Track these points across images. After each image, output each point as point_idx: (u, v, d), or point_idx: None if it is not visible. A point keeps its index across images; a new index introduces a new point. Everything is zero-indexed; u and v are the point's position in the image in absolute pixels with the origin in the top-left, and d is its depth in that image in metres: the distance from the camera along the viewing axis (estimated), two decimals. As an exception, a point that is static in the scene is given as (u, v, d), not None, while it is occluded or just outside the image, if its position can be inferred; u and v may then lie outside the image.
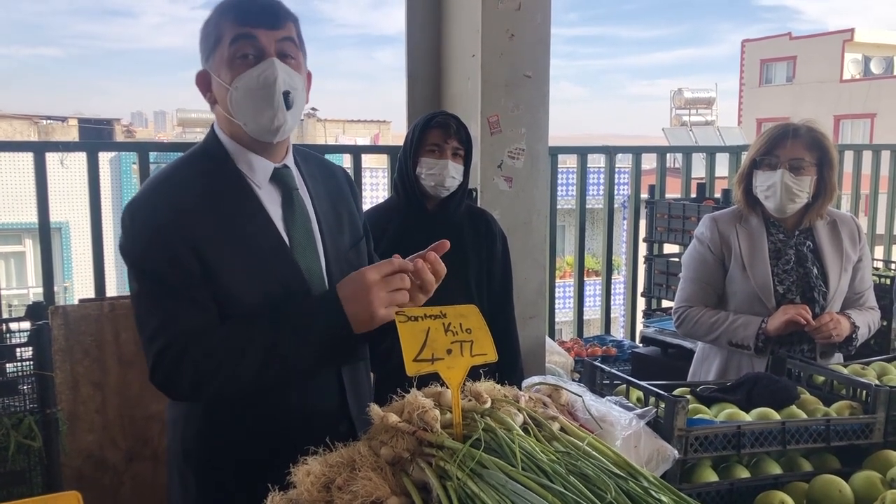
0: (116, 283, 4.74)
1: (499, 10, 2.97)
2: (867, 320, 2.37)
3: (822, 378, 1.95)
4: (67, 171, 9.36)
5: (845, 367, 2.10)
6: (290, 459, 1.21)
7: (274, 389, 1.48)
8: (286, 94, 1.45)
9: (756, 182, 2.34)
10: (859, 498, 1.54)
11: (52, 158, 3.18)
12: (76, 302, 2.61)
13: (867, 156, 5.33)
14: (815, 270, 2.33)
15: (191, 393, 1.44)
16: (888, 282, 3.25)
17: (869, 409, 1.73)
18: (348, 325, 1.38)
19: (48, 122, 19.43)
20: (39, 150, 3.08)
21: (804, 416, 1.75)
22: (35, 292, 12.86)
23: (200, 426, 1.54)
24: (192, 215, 1.43)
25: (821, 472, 1.62)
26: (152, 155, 3.34)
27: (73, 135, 18.23)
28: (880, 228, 5.49)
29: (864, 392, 1.77)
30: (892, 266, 3.82)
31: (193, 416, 1.55)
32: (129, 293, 1.51)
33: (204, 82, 1.52)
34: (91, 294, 3.01)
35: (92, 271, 3.10)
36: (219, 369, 1.39)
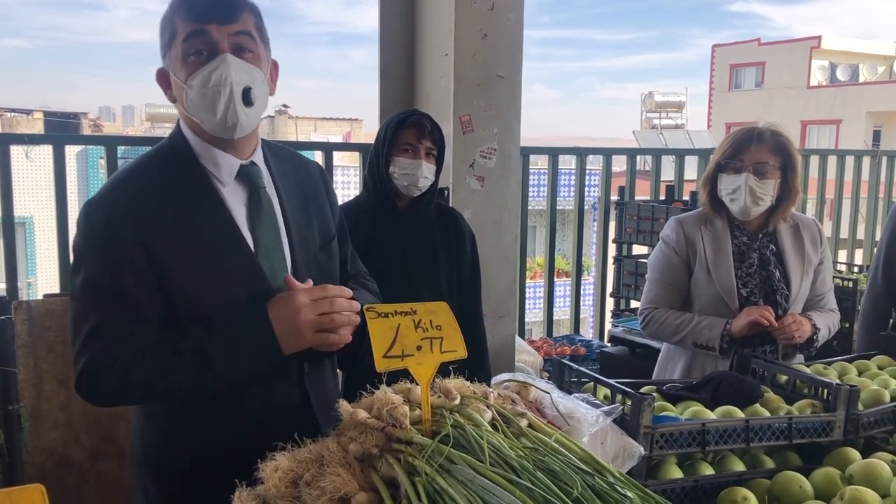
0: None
1: (472, 10, 2.98)
2: (828, 322, 2.41)
3: (785, 377, 1.99)
4: (32, 165, 9.21)
5: (808, 367, 2.15)
6: (250, 461, 1.21)
7: (232, 391, 1.46)
8: (246, 91, 1.41)
9: (721, 185, 2.37)
10: (819, 494, 1.58)
11: (16, 151, 3.12)
12: (40, 297, 2.57)
13: (832, 161, 5.43)
14: (778, 273, 2.37)
15: (111, 401, 1.53)
16: (851, 284, 3.32)
17: (829, 407, 1.77)
18: (277, 345, 1.40)
19: (12, 114, 19.09)
20: (4, 142, 3.01)
21: (767, 414, 1.78)
22: (-2, 288, 12.60)
23: (162, 426, 1.52)
24: (148, 213, 1.40)
25: (782, 469, 1.65)
26: (120, 149, 3.28)
27: (38, 128, 17.93)
28: (844, 233, 5.60)
29: (826, 391, 1.81)
30: (855, 269, 3.91)
31: (157, 415, 1.53)
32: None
33: (164, 80, 1.48)
34: (56, 291, 2.96)
35: (57, 267, 3.05)
36: (146, 384, 1.39)
